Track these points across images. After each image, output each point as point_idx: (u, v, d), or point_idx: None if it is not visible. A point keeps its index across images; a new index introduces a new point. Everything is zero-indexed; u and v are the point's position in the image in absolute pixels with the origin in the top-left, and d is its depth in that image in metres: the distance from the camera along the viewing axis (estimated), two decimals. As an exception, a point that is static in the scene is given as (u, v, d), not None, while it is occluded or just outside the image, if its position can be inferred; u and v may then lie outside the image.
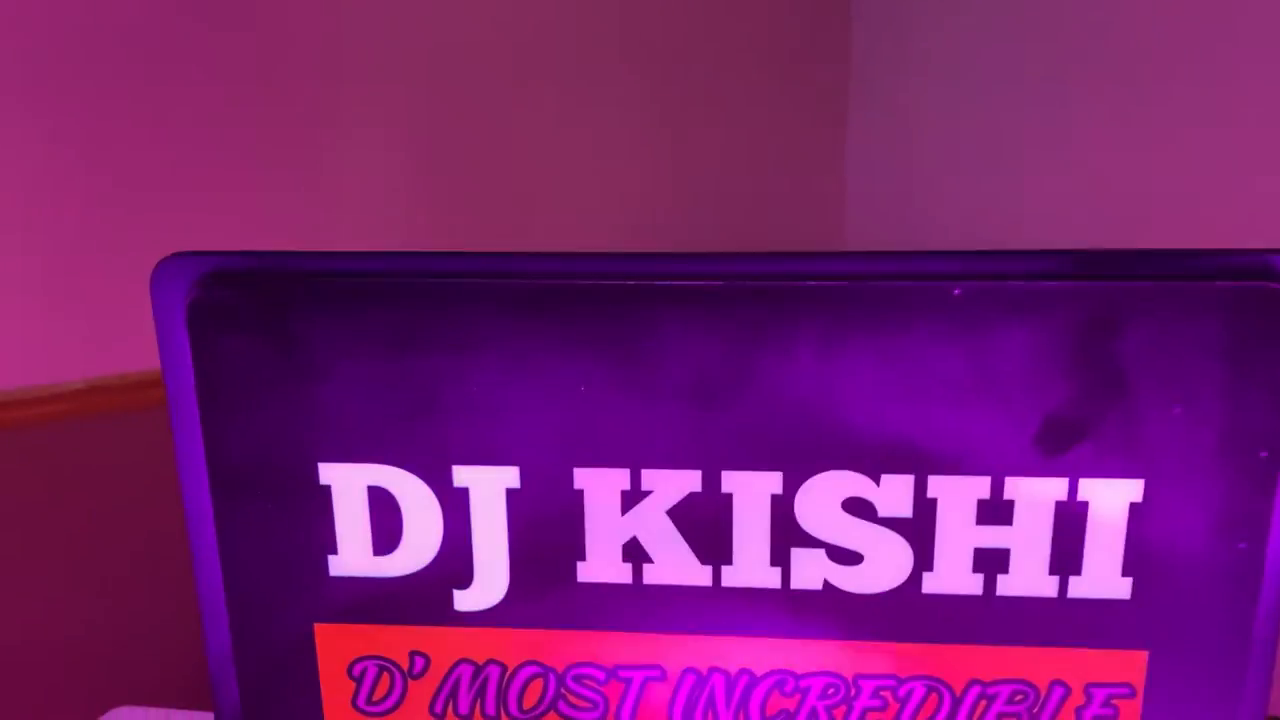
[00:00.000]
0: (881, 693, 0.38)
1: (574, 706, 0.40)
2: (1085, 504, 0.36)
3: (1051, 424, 0.35)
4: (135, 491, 1.68)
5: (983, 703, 0.38)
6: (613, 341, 0.36)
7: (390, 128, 1.86)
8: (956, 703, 0.38)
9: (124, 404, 1.56)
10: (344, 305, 0.37)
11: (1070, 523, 0.36)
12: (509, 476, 0.38)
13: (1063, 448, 0.35)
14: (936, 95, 2.99)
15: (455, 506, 0.38)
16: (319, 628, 0.40)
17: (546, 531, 0.38)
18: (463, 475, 0.38)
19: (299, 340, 0.37)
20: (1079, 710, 0.38)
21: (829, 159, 2.81)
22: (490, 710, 0.40)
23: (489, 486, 0.38)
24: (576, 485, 0.38)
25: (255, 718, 0.41)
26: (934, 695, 0.38)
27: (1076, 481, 0.36)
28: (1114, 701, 0.38)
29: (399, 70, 1.86)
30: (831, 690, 0.39)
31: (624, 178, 2.45)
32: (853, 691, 0.38)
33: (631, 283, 0.36)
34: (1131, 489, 0.35)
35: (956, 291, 0.34)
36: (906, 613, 0.37)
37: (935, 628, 0.38)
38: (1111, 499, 0.36)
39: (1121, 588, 0.36)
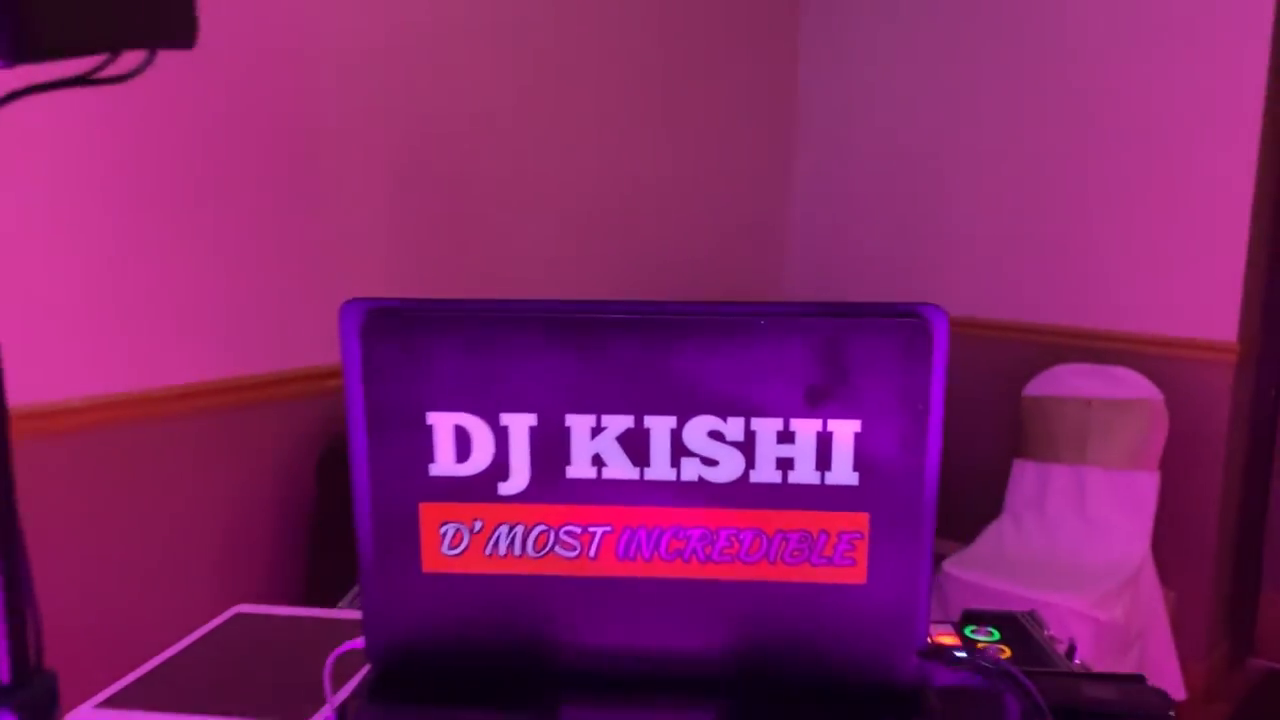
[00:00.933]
0: (730, 536, 0.71)
1: (564, 548, 0.72)
2: (831, 433, 0.68)
3: (812, 391, 0.68)
4: (266, 463, 2.03)
5: (783, 542, 0.71)
6: (584, 346, 0.68)
7: (376, 198, 2.20)
8: (769, 542, 0.71)
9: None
10: (439, 325, 0.69)
11: (825, 443, 0.69)
12: (530, 419, 0.70)
13: (818, 403, 0.68)
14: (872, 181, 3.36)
15: (501, 436, 0.70)
16: (422, 505, 0.71)
17: (550, 449, 0.70)
18: (505, 419, 0.70)
19: (415, 344, 0.69)
20: (834, 546, 0.70)
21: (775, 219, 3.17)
22: (517, 552, 0.72)
23: (519, 424, 0.70)
24: (566, 424, 0.70)
25: (383, 558, 0.72)
26: (759, 538, 0.71)
27: (826, 421, 0.68)
28: (853, 541, 0.70)
29: (387, 167, 2.21)
30: (702, 536, 0.71)
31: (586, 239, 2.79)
32: (714, 537, 0.71)
33: (593, 316, 0.68)
34: (855, 425, 0.68)
35: (762, 322, 0.67)
36: (742, 493, 0.70)
37: (758, 501, 0.70)
38: (845, 430, 0.68)
39: (853, 479, 0.69)
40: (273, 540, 2.19)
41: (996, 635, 1.05)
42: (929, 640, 0.74)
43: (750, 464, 0.69)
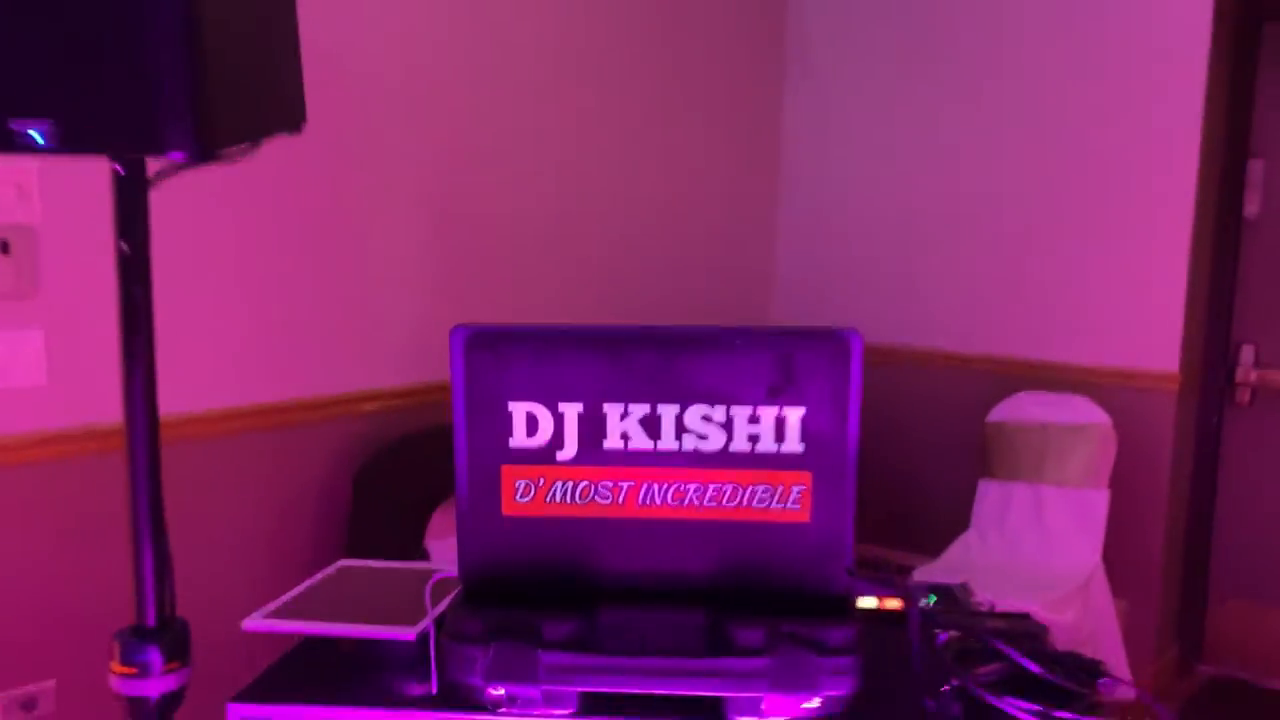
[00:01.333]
0: (716, 489, 1.02)
1: (601, 498, 1.03)
2: (784, 417, 1.00)
3: (772, 388, 1.00)
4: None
5: (752, 493, 1.02)
6: (615, 356, 1.01)
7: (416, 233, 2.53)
8: (743, 492, 1.02)
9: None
10: (515, 342, 1.01)
11: (780, 424, 1.01)
12: (578, 407, 1.02)
13: (776, 396, 1.00)
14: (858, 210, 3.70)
15: (558, 419, 1.02)
16: (503, 467, 1.03)
17: (591, 429, 1.02)
18: (561, 407, 1.02)
19: (499, 355, 1.01)
20: (788, 495, 1.02)
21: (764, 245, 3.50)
22: (568, 501, 1.03)
23: (571, 411, 1.02)
24: (603, 411, 1.02)
25: (475, 505, 1.04)
26: (736, 490, 1.02)
27: (781, 409, 1.00)
28: (800, 492, 1.02)
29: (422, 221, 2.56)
30: (697, 489, 1.03)
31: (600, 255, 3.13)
32: (705, 490, 1.03)
33: (621, 335, 1.00)
34: (801, 411, 1.00)
35: (737, 340, 0.99)
36: (724, 459, 1.02)
37: (735, 464, 1.02)
38: (794, 415, 1.00)
39: (800, 448, 1.01)
40: (313, 549, 2.50)
41: (933, 598, 1.36)
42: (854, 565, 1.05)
43: (730, 438, 1.01)
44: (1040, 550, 3.27)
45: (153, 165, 1.31)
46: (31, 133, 1.19)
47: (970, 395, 3.47)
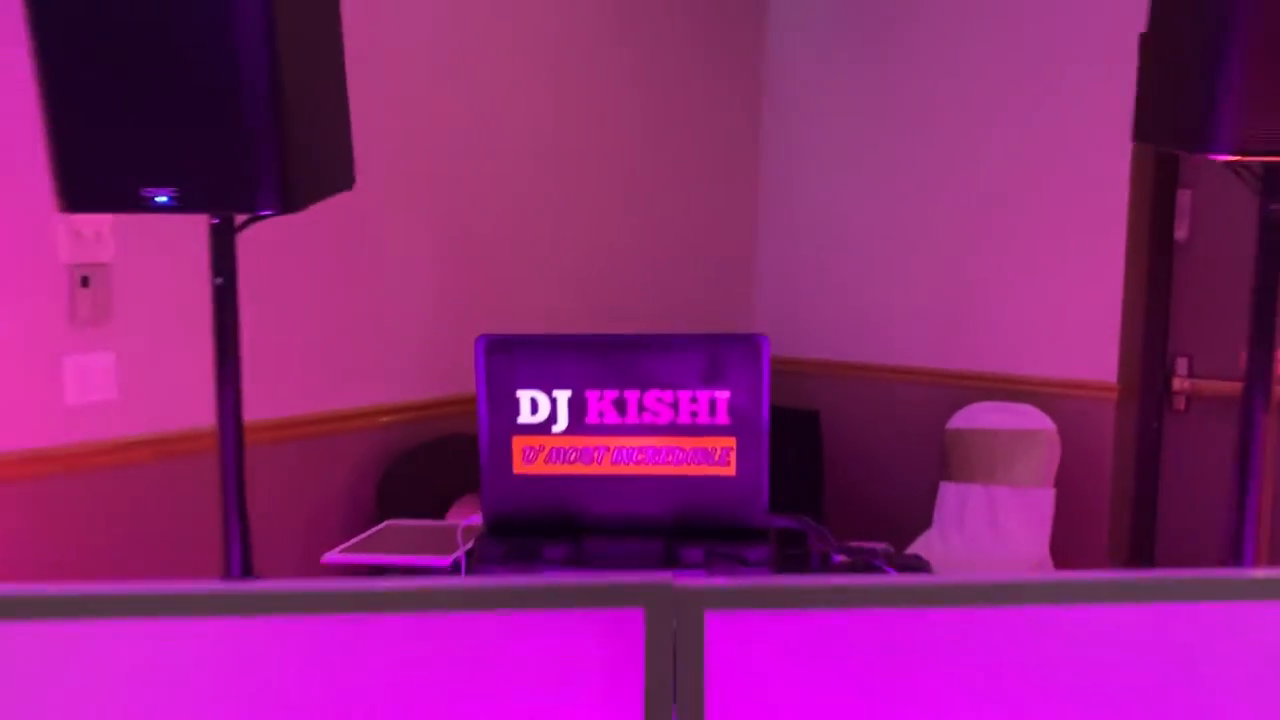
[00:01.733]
0: (668, 451, 1.42)
1: (585, 460, 1.42)
2: (715, 398, 1.40)
3: (705, 376, 1.39)
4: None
5: (695, 454, 1.41)
6: (596, 355, 1.40)
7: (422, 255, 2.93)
8: (687, 453, 1.41)
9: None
10: (522, 346, 1.41)
11: (712, 403, 1.40)
12: (569, 393, 1.41)
13: (709, 383, 1.39)
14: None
15: (554, 402, 1.41)
16: (514, 437, 1.42)
17: (578, 409, 1.41)
18: (555, 393, 1.41)
19: (511, 355, 1.41)
20: (719, 455, 1.41)
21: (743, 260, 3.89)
22: (563, 460, 1.42)
23: (562, 396, 1.42)
24: (585, 396, 1.41)
25: (493, 467, 1.43)
26: (683, 452, 1.41)
27: (713, 392, 1.40)
28: (728, 452, 1.41)
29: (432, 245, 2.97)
30: (655, 451, 1.42)
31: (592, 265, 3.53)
32: (660, 451, 1.42)
33: (600, 340, 1.40)
34: (727, 394, 1.40)
35: (683, 344, 1.39)
36: (674, 429, 1.41)
37: (681, 433, 1.41)
38: (722, 396, 1.40)
39: (727, 420, 1.40)
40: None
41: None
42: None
43: (676, 414, 1.40)
44: (995, 545, 3.65)
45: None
46: (158, 198, 1.59)
47: (932, 406, 3.85)
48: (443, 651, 0.81)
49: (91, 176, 1.60)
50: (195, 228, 1.84)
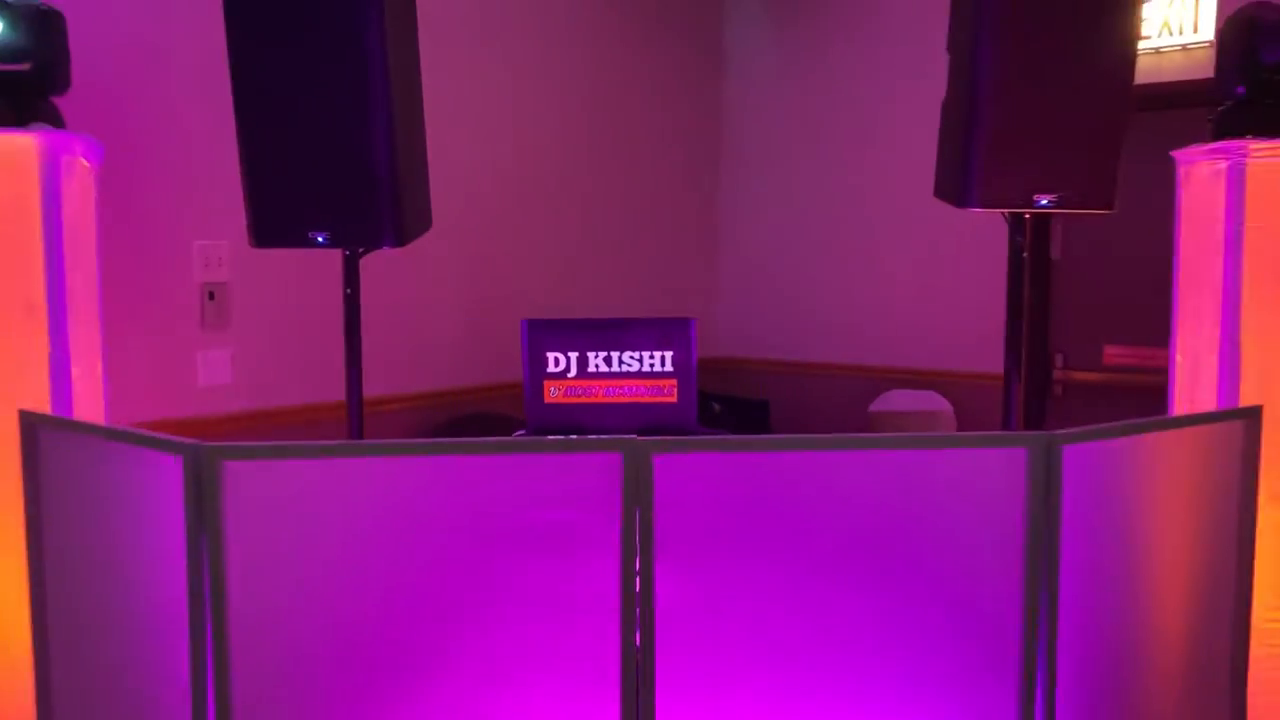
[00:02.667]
0: (634, 388, 2.37)
1: (588, 394, 2.38)
2: (664, 354, 2.36)
3: (659, 341, 2.35)
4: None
5: (653, 390, 2.37)
6: (592, 331, 2.36)
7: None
8: (648, 389, 2.37)
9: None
10: (549, 326, 2.37)
11: (663, 359, 2.36)
12: (577, 354, 2.37)
13: (660, 346, 2.35)
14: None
15: (568, 359, 2.38)
16: (545, 381, 2.38)
17: (582, 363, 2.38)
18: (569, 353, 2.38)
19: (544, 329, 2.37)
20: (665, 389, 2.36)
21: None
22: (574, 394, 2.38)
23: (574, 355, 2.38)
24: (587, 355, 2.37)
25: (533, 399, 2.38)
26: (644, 388, 2.37)
27: (663, 352, 2.36)
28: (672, 386, 2.37)
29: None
30: (629, 388, 2.38)
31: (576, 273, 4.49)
32: (633, 389, 2.37)
33: (597, 321, 2.36)
34: (671, 353, 2.36)
35: (645, 324, 2.35)
36: (639, 375, 2.37)
37: (644, 377, 2.37)
38: (668, 355, 2.36)
39: (671, 369, 2.36)
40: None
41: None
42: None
43: (641, 366, 2.36)
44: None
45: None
46: (318, 238, 2.54)
47: (858, 394, 4.81)
48: (494, 476, 1.72)
49: (273, 222, 2.54)
50: (288, 256, 2.74)
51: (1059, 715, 1.80)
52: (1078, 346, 4.84)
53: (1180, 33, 4.01)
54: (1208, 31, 3.92)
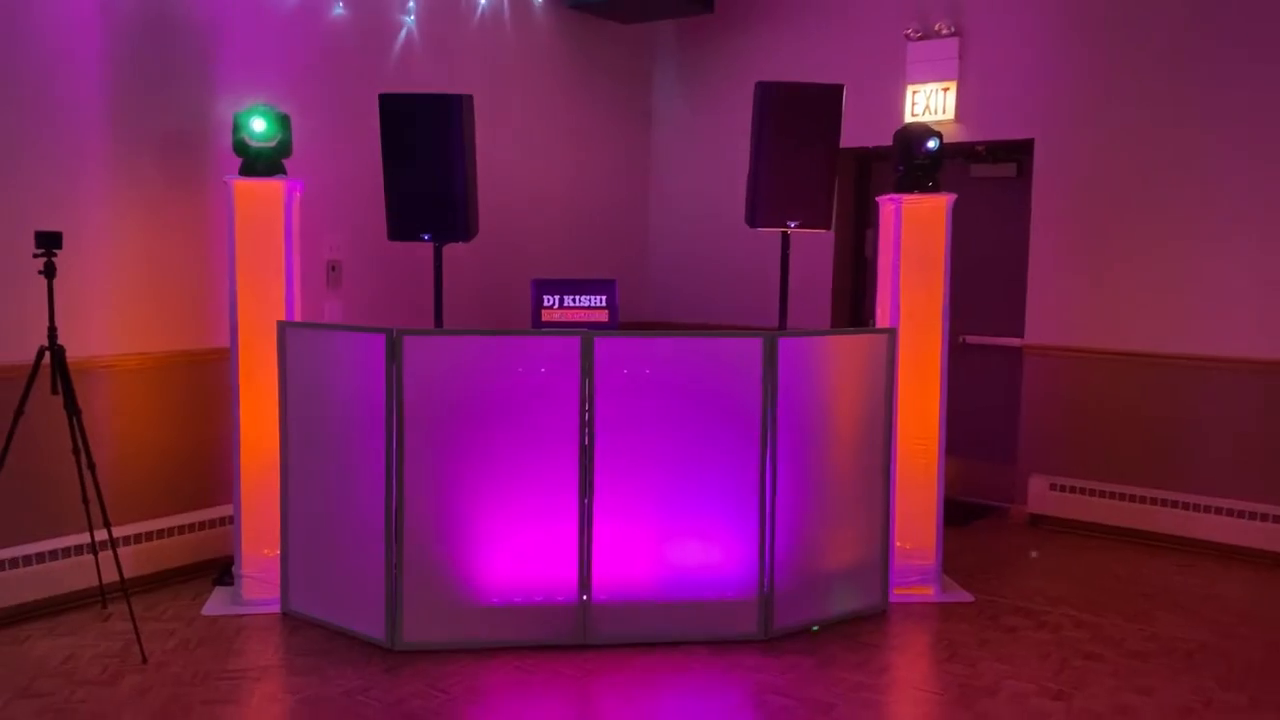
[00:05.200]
0: (587, 315, 4.74)
1: (562, 319, 4.74)
2: (606, 309, 4.73)
3: (595, 290, 4.72)
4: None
5: (598, 315, 4.74)
6: (561, 286, 4.74)
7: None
8: (596, 314, 4.73)
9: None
10: (547, 283, 4.74)
11: (601, 300, 4.73)
12: (558, 297, 4.74)
13: (597, 293, 4.72)
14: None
15: (553, 299, 4.74)
16: (541, 310, 4.74)
17: (559, 301, 4.74)
18: (551, 297, 4.73)
19: (543, 286, 4.73)
20: (604, 316, 4.73)
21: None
22: (554, 320, 4.73)
23: (555, 298, 4.74)
24: (562, 297, 4.73)
25: (535, 319, 4.72)
26: (592, 314, 4.73)
27: (600, 297, 4.72)
28: (604, 314, 4.73)
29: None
30: (584, 315, 4.74)
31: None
32: (586, 314, 4.74)
33: (564, 282, 4.74)
34: (604, 298, 4.73)
35: (594, 286, 4.72)
36: (590, 314, 4.73)
37: (590, 309, 4.73)
38: (603, 298, 4.73)
39: (604, 305, 4.73)
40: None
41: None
42: (619, 334, 4.76)
43: (592, 302, 4.70)
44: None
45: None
46: (425, 236, 4.90)
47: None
48: (517, 350, 4.09)
49: (401, 227, 4.87)
50: (376, 246, 5.08)
51: (780, 463, 4.21)
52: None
53: (936, 113, 6.43)
54: (950, 112, 6.35)
